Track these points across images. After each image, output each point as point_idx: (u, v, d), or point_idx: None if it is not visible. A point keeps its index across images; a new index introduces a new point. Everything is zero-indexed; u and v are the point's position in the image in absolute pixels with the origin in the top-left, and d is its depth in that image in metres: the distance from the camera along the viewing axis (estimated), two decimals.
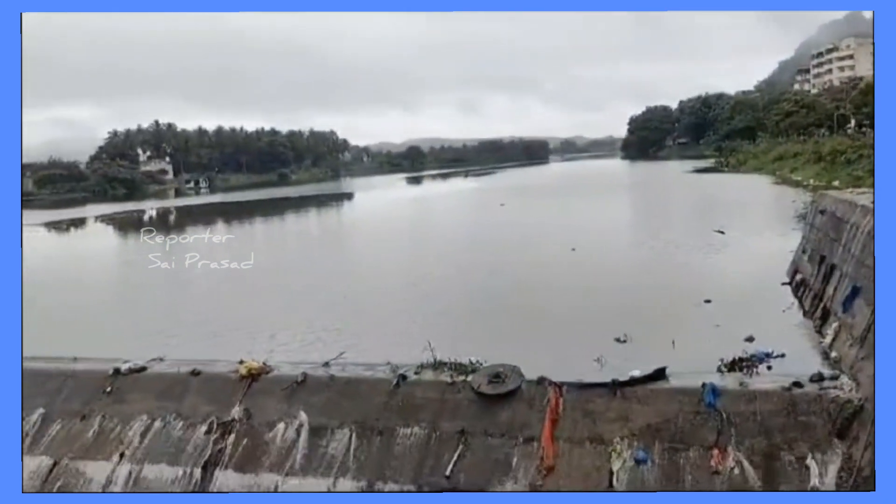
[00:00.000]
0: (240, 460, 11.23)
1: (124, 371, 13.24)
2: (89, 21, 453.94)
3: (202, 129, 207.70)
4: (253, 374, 12.48)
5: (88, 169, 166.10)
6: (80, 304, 31.48)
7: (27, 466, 12.17)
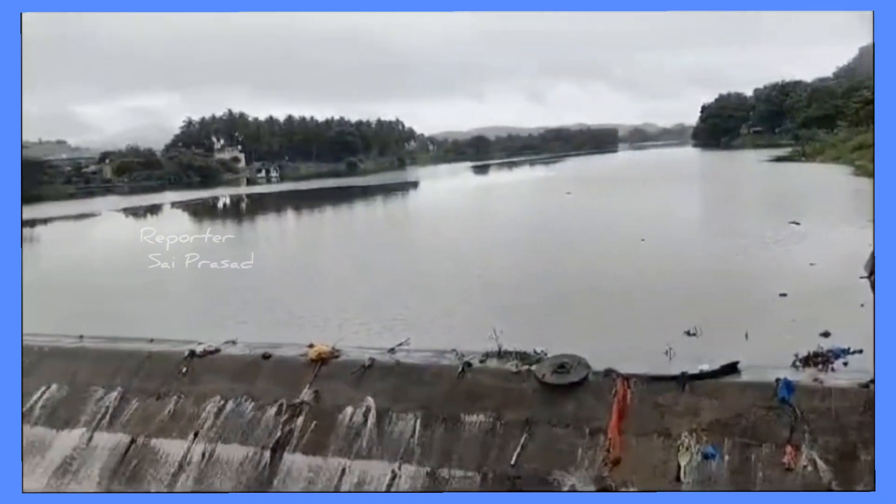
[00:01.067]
0: (308, 443, 11.50)
1: (199, 353, 13.69)
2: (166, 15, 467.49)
3: (273, 118, 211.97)
4: (322, 357, 12.73)
5: (164, 157, 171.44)
6: (157, 288, 32.66)
7: (106, 443, 12.75)
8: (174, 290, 32.08)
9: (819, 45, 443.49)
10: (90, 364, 14.44)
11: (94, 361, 14.51)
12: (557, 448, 10.41)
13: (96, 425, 13.08)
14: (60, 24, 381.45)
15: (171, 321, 21.40)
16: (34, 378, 14.39)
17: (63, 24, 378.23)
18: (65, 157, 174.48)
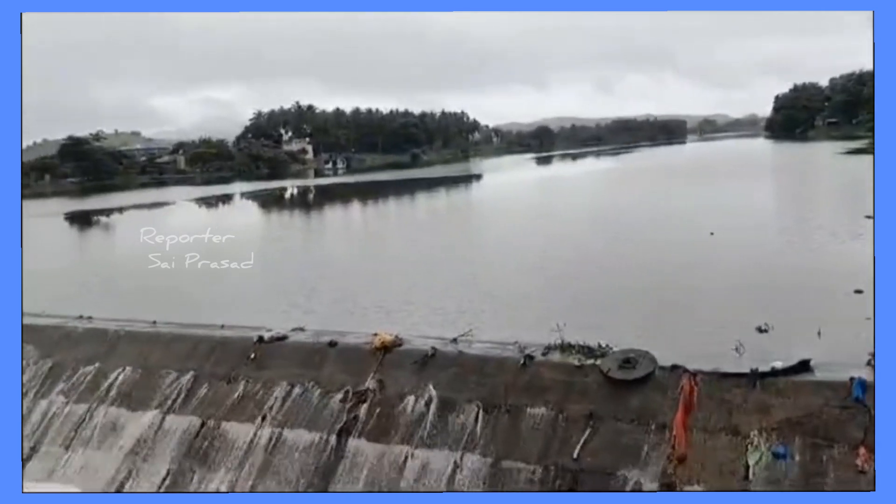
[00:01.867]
0: (372, 430, 11.67)
1: (267, 339, 14.03)
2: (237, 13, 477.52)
3: (340, 110, 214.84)
4: (386, 346, 12.89)
5: (235, 148, 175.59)
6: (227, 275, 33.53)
7: (178, 425, 13.19)
8: (243, 278, 32.88)
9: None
10: (163, 348, 14.96)
11: (166, 346, 15.02)
12: (621, 443, 10.29)
13: (169, 408, 13.53)
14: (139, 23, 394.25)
15: (240, 308, 21.94)
16: (111, 361, 15.03)
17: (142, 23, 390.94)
18: (140, 147, 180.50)
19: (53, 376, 15.31)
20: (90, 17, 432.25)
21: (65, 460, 13.68)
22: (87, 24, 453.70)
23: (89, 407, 14.30)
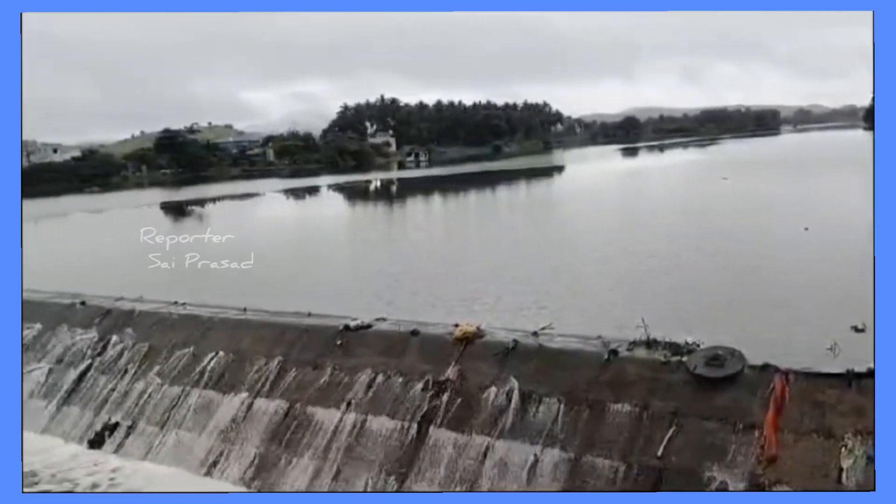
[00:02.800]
0: (453, 419, 11.76)
1: (352, 327, 14.33)
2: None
3: (423, 103, 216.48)
4: (467, 337, 12.95)
5: (322, 141, 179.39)
6: (313, 265, 34.38)
7: (266, 408, 13.63)
8: (328, 268, 33.63)
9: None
10: (253, 334, 15.48)
11: (256, 332, 15.54)
12: (707, 442, 10.03)
13: (258, 391, 14.01)
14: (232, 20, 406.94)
15: (326, 297, 22.43)
16: (204, 345, 15.66)
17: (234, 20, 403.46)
18: (231, 140, 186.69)
19: (150, 359, 16.06)
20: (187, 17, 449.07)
21: (160, 440, 14.34)
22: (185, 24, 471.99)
23: (183, 389, 14.95)
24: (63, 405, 16.17)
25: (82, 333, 17.54)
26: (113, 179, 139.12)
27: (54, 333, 18.04)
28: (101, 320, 17.79)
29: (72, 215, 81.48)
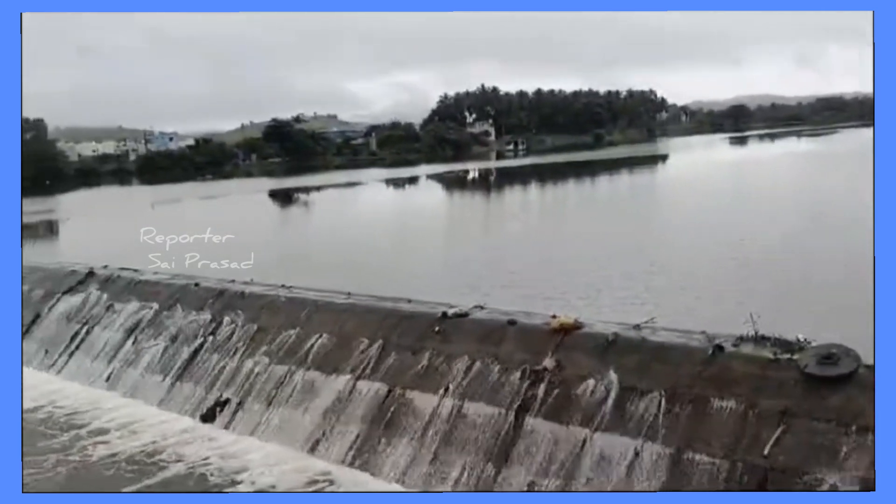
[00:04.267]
0: (550, 409, 11.69)
1: (450, 315, 14.47)
2: None
3: (523, 91, 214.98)
4: (565, 328, 12.84)
5: (422, 131, 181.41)
6: (413, 253, 34.94)
7: (367, 391, 13.98)
8: (426, 257, 34.08)
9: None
10: (356, 318, 15.88)
11: (359, 316, 15.94)
12: (817, 444, 9.57)
13: (360, 374, 14.38)
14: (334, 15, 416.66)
15: (423, 284, 22.77)
16: (309, 327, 16.19)
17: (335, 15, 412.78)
18: (336, 130, 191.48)
19: (258, 339, 16.75)
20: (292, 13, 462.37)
21: (266, 417, 14.96)
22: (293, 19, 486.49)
23: (289, 369, 15.52)
24: (177, 381, 17.11)
25: (196, 314, 18.47)
26: (224, 167, 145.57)
27: (170, 313, 19.07)
28: (213, 301, 18.68)
29: (186, 201, 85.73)
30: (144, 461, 13.95)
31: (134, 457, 14.17)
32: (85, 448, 14.67)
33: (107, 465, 13.91)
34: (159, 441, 14.83)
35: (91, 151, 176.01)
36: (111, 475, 13.51)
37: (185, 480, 13.14)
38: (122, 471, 13.67)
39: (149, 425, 15.76)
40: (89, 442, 14.99)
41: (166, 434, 15.18)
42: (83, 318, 20.93)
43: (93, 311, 20.96)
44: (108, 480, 13.26)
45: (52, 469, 13.74)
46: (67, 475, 13.58)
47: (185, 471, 13.50)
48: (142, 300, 20.15)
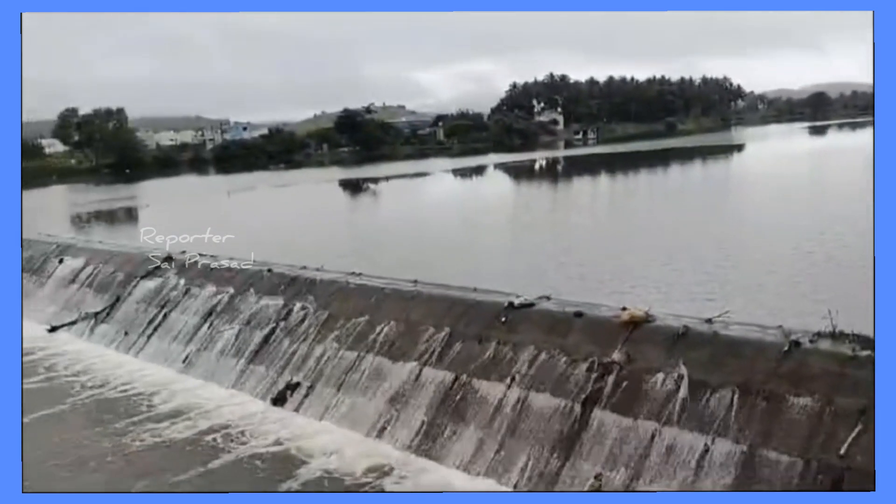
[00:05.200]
0: (618, 402, 11.56)
1: (517, 305, 14.44)
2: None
3: (593, 79, 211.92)
4: (634, 321, 12.66)
5: (490, 120, 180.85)
6: (477, 243, 34.95)
7: (433, 378, 14.09)
8: (492, 247, 34.05)
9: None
10: (422, 306, 16.01)
11: (425, 304, 16.07)
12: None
13: (426, 361, 14.52)
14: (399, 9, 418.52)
15: (489, 274, 22.77)
16: (377, 314, 16.41)
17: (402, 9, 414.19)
18: (404, 120, 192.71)
19: (328, 325, 17.07)
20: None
21: (335, 401, 15.26)
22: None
23: (358, 354, 15.78)
24: (250, 364, 17.61)
25: (269, 299, 18.95)
26: (296, 157, 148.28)
27: (244, 298, 19.62)
28: (285, 287, 19.13)
29: (260, 189, 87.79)
30: (217, 441, 14.44)
31: (208, 436, 14.69)
32: (167, 426, 15.29)
33: (185, 443, 14.47)
34: (232, 422, 15.32)
35: (169, 140, 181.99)
36: (189, 451, 14.05)
37: (253, 461, 13.54)
38: (200, 447, 14.21)
39: (222, 406, 16.29)
40: (168, 421, 15.61)
41: (239, 415, 15.65)
42: (161, 302, 21.76)
43: (170, 295, 21.76)
44: (185, 457, 13.78)
45: (133, 444, 14.41)
46: (149, 451, 14.18)
47: (254, 452, 13.90)
48: (217, 285, 20.79)
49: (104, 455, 14.07)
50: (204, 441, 14.50)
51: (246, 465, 13.44)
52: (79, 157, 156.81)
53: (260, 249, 24.24)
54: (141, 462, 13.74)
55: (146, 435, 14.90)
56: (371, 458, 13.12)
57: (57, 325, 23.62)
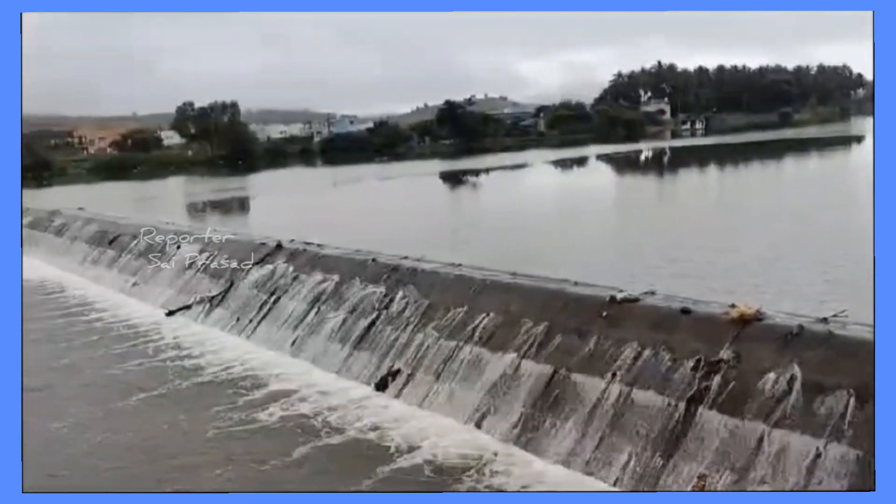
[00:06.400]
0: (725, 402, 11.18)
1: (619, 299, 14.18)
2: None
3: (702, 68, 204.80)
4: (745, 319, 12.21)
5: (593, 110, 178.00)
6: (578, 236, 34.57)
7: (531, 371, 14.05)
8: (593, 240, 33.60)
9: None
10: (521, 298, 15.99)
11: (524, 296, 16.04)
12: None
13: (525, 353, 14.50)
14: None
15: (590, 267, 22.47)
16: (476, 305, 16.51)
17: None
18: (506, 111, 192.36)
19: (428, 314, 17.32)
20: None
21: (434, 389, 15.49)
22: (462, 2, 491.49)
23: (457, 344, 15.93)
24: (354, 350, 18.11)
25: (372, 287, 19.41)
26: (399, 149, 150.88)
27: (349, 286, 20.16)
28: (388, 277, 19.54)
29: (364, 181, 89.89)
30: (323, 423, 14.95)
31: (314, 417, 15.24)
32: (274, 408, 15.95)
33: (292, 424, 15.05)
34: (338, 405, 15.81)
35: (279, 133, 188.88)
36: (295, 432, 14.60)
37: (357, 444, 13.93)
38: (306, 428, 14.76)
39: (328, 390, 16.84)
40: (280, 401, 16.29)
41: (344, 399, 16.14)
42: (271, 288, 22.66)
43: (280, 282, 22.63)
44: (290, 437, 14.33)
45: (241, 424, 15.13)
46: (254, 432, 14.85)
47: (358, 434, 14.31)
48: (324, 273, 21.45)
49: (213, 434, 14.82)
50: (310, 423, 15.03)
51: (351, 446, 13.85)
52: (194, 149, 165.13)
53: (363, 239, 24.88)
54: (247, 442, 14.40)
55: (254, 415, 15.57)
56: (470, 448, 13.24)
57: (174, 308, 25.03)
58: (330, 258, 22.35)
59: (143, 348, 21.09)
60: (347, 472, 12.68)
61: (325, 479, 12.63)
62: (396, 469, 12.74)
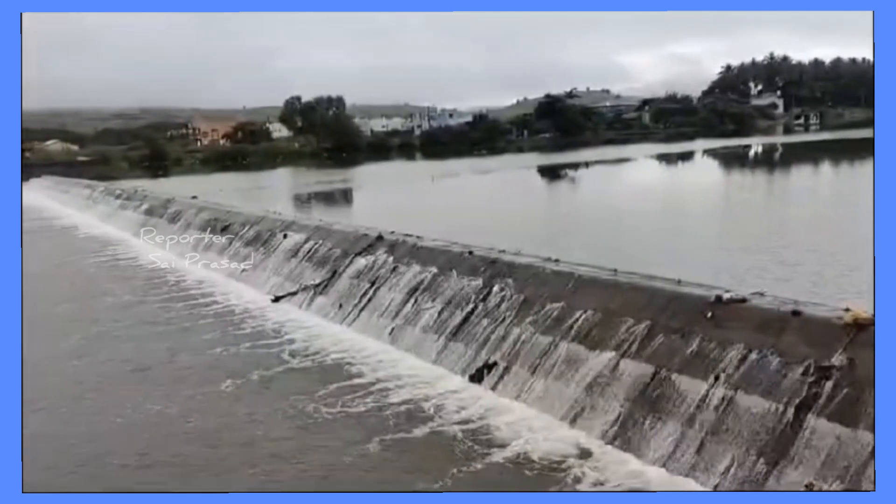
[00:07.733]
0: (837, 410, 10.66)
1: (725, 300, 13.72)
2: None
3: (818, 60, 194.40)
4: (859, 323, 11.57)
5: (700, 103, 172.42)
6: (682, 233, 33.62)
7: (631, 370, 13.79)
8: (701, 238, 32.63)
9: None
10: (622, 296, 15.70)
11: (625, 294, 15.74)
12: None
13: (624, 352, 14.25)
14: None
15: (694, 266, 21.86)
16: (574, 301, 16.34)
17: None
18: (608, 105, 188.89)
19: (525, 309, 17.27)
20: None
21: (530, 384, 15.45)
22: None
23: (553, 340, 15.82)
24: (450, 341, 18.29)
25: (469, 280, 19.54)
26: (498, 143, 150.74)
27: (446, 278, 20.36)
28: (485, 269, 19.61)
29: (462, 175, 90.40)
30: (420, 411, 15.21)
31: (411, 405, 15.53)
32: (371, 395, 16.35)
33: (388, 411, 15.37)
34: (433, 394, 16.04)
35: (381, 127, 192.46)
36: (391, 420, 14.91)
37: (453, 434, 14.06)
38: (404, 416, 15.06)
39: (423, 379, 17.10)
40: (381, 387, 16.72)
41: (439, 389, 16.35)
42: (372, 278, 23.18)
43: (380, 272, 23.11)
44: (386, 424, 14.65)
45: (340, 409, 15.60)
46: (351, 417, 15.27)
47: (453, 425, 14.44)
48: (422, 264, 21.75)
49: (310, 418, 15.33)
50: (407, 410, 15.31)
51: (446, 436, 14.01)
52: (301, 142, 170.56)
53: (461, 232, 25.05)
54: (344, 426, 14.82)
55: (351, 401, 16.00)
56: (566, 444, 13.15)
57: (280, 295, 25.99)
58: (428, 250, 22.62)
59: (251, 334, 22.07)
60: (444, 460, 12.87)
61: (420, 467, 12.83)
62: (493, 461, 12.82)
